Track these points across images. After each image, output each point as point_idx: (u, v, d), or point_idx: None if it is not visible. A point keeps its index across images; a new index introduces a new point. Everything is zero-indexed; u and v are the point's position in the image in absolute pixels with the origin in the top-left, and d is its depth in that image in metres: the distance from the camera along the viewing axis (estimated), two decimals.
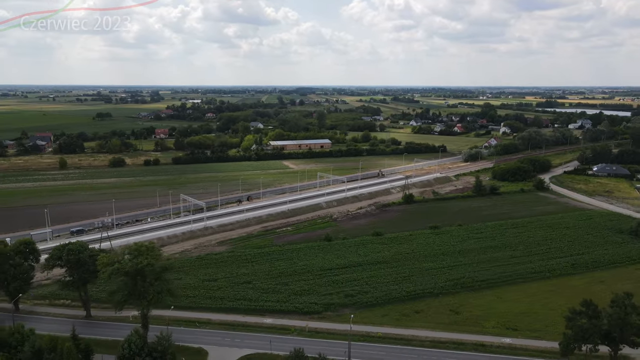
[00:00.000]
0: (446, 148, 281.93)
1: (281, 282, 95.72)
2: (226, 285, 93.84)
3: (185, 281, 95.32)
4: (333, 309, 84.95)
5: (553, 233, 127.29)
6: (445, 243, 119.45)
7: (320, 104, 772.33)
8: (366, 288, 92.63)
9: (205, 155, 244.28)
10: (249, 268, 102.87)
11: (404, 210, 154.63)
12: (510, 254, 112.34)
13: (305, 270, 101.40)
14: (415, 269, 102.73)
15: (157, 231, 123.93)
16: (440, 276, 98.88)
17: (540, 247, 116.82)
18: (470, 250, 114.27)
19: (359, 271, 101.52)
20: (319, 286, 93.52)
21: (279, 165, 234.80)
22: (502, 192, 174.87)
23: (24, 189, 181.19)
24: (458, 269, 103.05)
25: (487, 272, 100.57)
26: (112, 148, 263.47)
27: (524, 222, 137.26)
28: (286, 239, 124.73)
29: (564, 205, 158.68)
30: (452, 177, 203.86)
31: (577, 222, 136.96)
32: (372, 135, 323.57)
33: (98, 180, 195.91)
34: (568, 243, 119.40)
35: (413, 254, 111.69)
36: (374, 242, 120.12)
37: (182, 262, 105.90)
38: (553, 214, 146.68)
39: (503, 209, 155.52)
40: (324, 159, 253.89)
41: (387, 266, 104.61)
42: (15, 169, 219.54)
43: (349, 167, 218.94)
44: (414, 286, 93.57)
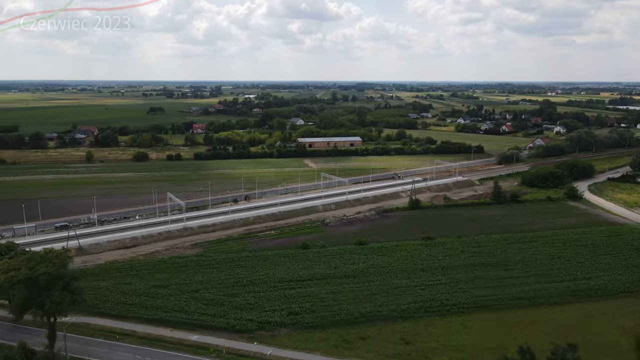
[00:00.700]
0: (483, 148, 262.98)
1: (230, 292, 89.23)
2: (173, 294, 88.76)
3: (133, 286, 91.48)
4: (269, 328, 77.22)
5: (564, 251, 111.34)
6: (432, 257, 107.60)
7: (373, 100, 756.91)
8: (317, 306, 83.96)
9: (227, 152, 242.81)
10: (206, 275, 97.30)
11: (405, 217, 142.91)
12: (502, 273, 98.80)
13: (262, 281, 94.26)
14: (384, 286, 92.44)
15: (135, 230, 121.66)
16: (409, 296, 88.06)
17: (543, 267, 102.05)
18: (457, 267, 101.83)
19: (319, 285, 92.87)
20: (267, 300, 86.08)
21: (298, 164, 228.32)
22: (524, 200, 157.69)
23: (44, 181, 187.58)
24: (432, 288, 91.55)
25: (463, 295, 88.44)
26: (143, 142, 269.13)
27: (535, 236, 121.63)
28: (262, 244, 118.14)
29: (592, 218, 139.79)
30: (475, 181, 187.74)
31: (599, 239, 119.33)
32: (408, 133, 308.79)
33: (114, 175, 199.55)
34: (577, 264, 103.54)
35: (389, 268, 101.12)
36: (352, 253, 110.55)
37: (142, 265, 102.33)
38: (575, 228, 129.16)
39: (519, 219, 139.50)
40: (347, 157, 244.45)
41: (354, 281, 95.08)
42: (46, 161, 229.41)
43: (369, 167, 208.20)
44: (372, 306, 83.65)
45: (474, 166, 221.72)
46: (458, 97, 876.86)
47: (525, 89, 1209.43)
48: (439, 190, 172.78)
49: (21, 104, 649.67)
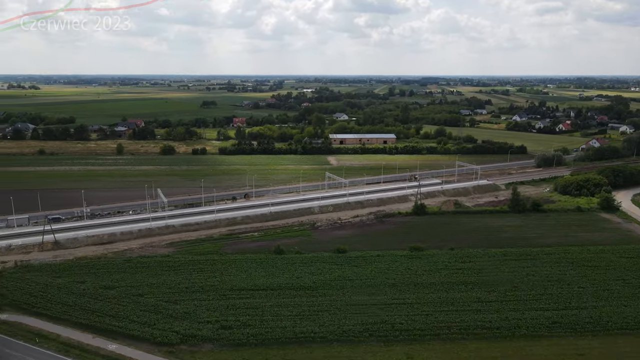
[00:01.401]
0: (525, 149, 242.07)
1: (175, 298, 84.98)
2: (117, 296, 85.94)
3: (84, 286, 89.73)
4: (193, 342, 71.86)
5: (569, 272, 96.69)
6: (409, 271, 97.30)
7: (431, 95, 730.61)
8: (254, 320, 77.47)
9: (251, 147, 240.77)
10: (162, 278, 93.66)
11: (405, 223, 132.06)
12: (482, 295, 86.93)
13: (214, 288, 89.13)
14: (340, 302, 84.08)
15: (116, 226, 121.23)
16: (361, 316, 79.21)
17: (533, 290, 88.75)
18: (432, 285, 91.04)
19: (271, 296, 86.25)
20: (207, 310, 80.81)
21: (320, 161, 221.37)
22: (548, 210, 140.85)
23: (69, 172, 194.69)
24: (392, 308, 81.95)
25: (424, 319, 78.16)
26: (177, 136, 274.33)
27: (541, 253, 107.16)
28: (239, 247, 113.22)
29: (621, 234, 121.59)
30: (501, 185, 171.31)
31: (618, 260, 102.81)
32: (448, 131, 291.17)
33: (135, 167, 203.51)
34: (579, 289, 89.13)
35: (357, 282, 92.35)
36: (326, 261, 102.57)
37: (106, 263, 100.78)
38: (596, 245, 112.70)
39: (532, 231, 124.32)
40: (375, 155, 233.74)
41: (311, 294, 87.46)
42: (82, 152, 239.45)
43: (393, 166, 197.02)
44: (313, 325, 75.79)
45: (507, 169, 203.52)
46: (525, 93, 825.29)
47: (605, 84, 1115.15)
48: (455, 194, 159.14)
49: (93, 97, 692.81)
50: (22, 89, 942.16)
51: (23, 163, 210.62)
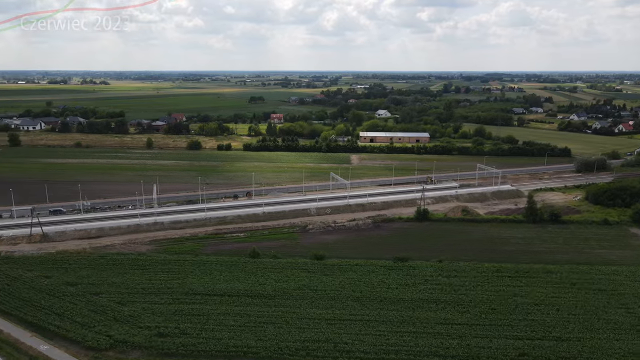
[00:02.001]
0: (570, 152, 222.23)
1: (127, 300, 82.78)
2: (75, 294, 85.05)
3: (49, 281, 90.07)
4: (121, 348, 69.13)
5: (564, 296, 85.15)
6: (382, 284, 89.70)
7: (489, 92, 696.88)
8: (194, 329, 73.43)
9: (275, 144, 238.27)
10: (126, 277, 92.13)
11: (402, 230, 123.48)
12: (451, 316, 78.00)
13: (170, 291, 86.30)
14: (291, 315, 78.34)
15: (107, 221, 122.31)
16: (305, 331, 72.90)
17: (513, 314, 78.54)
18: (400, 301, 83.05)
19: (224, 303, 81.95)
20: (152, 314, 78.05)
21: (341, 159, 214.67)
22: (568, 221, 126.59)
23: (95, 164, 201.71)
24: (344, 325, 74.99)
25: (371, 339, 70.76)
26: (209, 131, 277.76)
27: (541, 270, 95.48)
28: (218, 247, 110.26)
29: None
30: (525, 191, 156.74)
31: (631, 285, 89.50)
32: (488, 130, 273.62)
33: (157, 162, 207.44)
34: (569, 316, 77.90)
35: (320, 292, 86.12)
36: (298, 268, 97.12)
37: (81, 258, 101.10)
38: (610, 265, 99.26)
39: (542, 245, 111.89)
40: (401, 155, 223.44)
41: (266, 303, 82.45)
42: (115, 146, 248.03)
43: (416, 166, 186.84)
44: (251, 339, 70.50)
45: (540, 173, 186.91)
46: (596, 90, 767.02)
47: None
48: (470, 200, 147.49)
49: (152, 92, 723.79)
50: (93, 84, 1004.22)
51: (57, 155, 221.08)
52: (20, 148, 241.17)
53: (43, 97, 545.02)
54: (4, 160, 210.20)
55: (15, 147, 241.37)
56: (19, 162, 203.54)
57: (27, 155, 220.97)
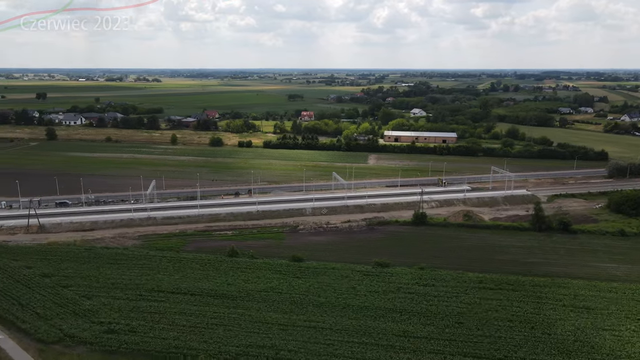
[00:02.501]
0: (607, 155, 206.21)
1: (94, 294, 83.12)
2: (47, 285, 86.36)
3: (29, 271, 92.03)
4: (68, 342, 68.67)
5: (545, 312, 78.08)
6: (351, 290, 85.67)
7: (540, 90, 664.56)
8: (144, 327, 72.59)
9: (295, 142, 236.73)
10: (100, 271, 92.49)
11: (396, 233, 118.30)
12: (412, 329, 73.08)
13: (137, 287, 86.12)
14: (248, 317, 76.18)
15: (102, 214, 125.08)
16: (253, 335, 70.45)
17: (480, 330, 72.58)
18: (363, 309, 78.86)
19: (185, 302, 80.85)
20: (111, 310, 77.77)
21: (358, 159, 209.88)
22: (579, 230, 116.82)
23: (117, 159, 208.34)
24: (297, 331, 72.00)
25: (318, 348, 67.28)
26: (235, 127, 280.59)
27: (529, 283, 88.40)
28: (203, 244, 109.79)
29: None
30: (542, 197, 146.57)
31: (627, 304, 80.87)
32: (521, 132, 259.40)
33: (175, 157, 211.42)
34: (542, 336, 71.08)
35: (284, 295, 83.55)
36: (271, 269, 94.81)
37: (68, 250, 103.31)
38: (611, 281, 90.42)
39: (544, 256, 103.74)
40: (421, 155, 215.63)
41: (228, 304, 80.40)
42: (142, 141, 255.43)
43: (430, 167, 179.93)
44: (196, 341, 68.82)
45: (566, 177, 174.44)
46: None
47: None
48: (479, 204, 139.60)
49: (198, 89, 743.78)
50: (146, 81, 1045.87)
51: (85, 149, 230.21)
52: (55, 142, 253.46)
53: (96, 93, 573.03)
54: (36, 152, 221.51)
55: (52, 141, 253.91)
56: (48, 155, 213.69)
57: (58, 148, 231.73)
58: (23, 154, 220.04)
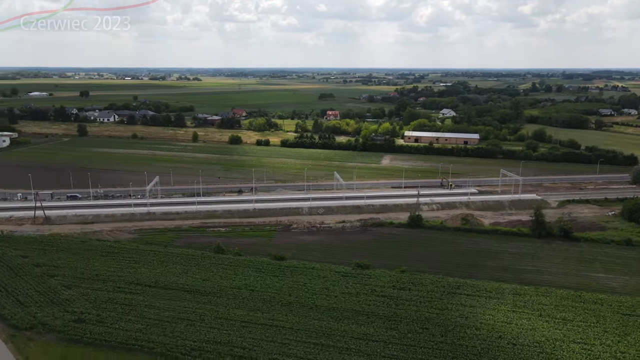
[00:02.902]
0: (637, 160, 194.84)
1: (74, 284, 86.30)
2: (35, 274, 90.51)
3: (24, 260, 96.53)
4: (39, 330, 71.82)
5: (516, 322, 74.92)
6: (323, 290, 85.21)
7: (587, 91, 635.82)
8: (112, 318, 74.83)
9: (312, 141, 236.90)
10: (88, 262, 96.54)
11: (388, 235, 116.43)
12: (374, 332, 71.95)
13: (118, 279, 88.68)
14: (213, 313, 76.91)
15: (105, 208, 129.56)
16: (213, 331, 71.31)
17: (444, 336, 70.58)
18: (331, 310, 78.30)
19: (158, 296, 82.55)
20: (87, 300, 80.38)
21: (372, 159, 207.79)
22: (582, 238, 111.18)
23: (136, 155, 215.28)
24: (257, 328, 72.22)
25: (273, 347, 67.39)
26: (257, 126, 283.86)
27: (509, 291, 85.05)
28: (193, 240, 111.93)
29: None
30: (552, 202, 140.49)
31: (610, 317, 76.47)
32: (549, 134, 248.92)
33: (191, 154, 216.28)
34: (507, 347, 68.31)
35: (256, 293, 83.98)
36: (251, 266, 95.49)
37: (66, 242, 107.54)
38: (599, 292, 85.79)
39: (536, 263, 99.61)
40: (438, 157, 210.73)
41: (198, 299, 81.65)
42: (165, 138, 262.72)
43: (447, 169, 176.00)
44: (157, 334, 70.30)
45: (585, 182, 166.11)
46: None
47: None
48: (483, 208, 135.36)
49: (234, 88, 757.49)
50: (187, 80, 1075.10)
51: (110, 145, 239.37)
52: (86, 138, 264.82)
53: (138, 91, 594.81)
54: (66, 148, 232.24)
55: (82, 137, 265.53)
56: (75, 150, 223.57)
57: (86, 144, 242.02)
58: (53, 149, 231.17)
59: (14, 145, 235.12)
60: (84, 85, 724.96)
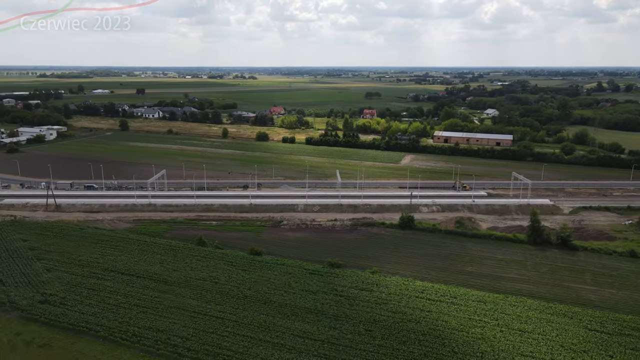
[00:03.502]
0: None
1: (55, 267, 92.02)
2: (28, 257, 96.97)
3: (24, 243, 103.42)
4: (5, 308, 77.33)
5: (467, 330, 71.19)
6: (284, 286, 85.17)
7: None
8: (74, 301, 78.97)
9: (336, 139, 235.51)
10: (78, 248, 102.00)
11: (375, 235, 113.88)
12: (315, 331, 71.14)
13: (96, 266, 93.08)
14: (169, 302, 78.96)
15: (109, 199, 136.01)
16: (160, 319, 73.35)
17: (383, 341, 68.44)
18: (283, 306, 78.18)
19: (126, 282, 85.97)
20: (60, 283, 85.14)
21: (391, 158, 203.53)
22: (581, 247, 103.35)
23: (165, 149, 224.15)
24: (200, 319, 73.55)
25: (207, 337, 68.42)
26: (289, 124, 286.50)
27: (470, 298, 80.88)
28: (181, 232, 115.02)
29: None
30: (565, 208, 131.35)
31: (573, 332, 70.79)
32: (590, 137, 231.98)
33: (216, 150, 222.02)
34: (447, 355, 65.19)
35: (218, 285, 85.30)
36: (225, 259, 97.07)
37: (66, 228, 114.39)
38: (580, 305, 79.53)
39: (520, 271, 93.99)
40: (462, 158, 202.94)
41: (160, 288, 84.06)
42: (197, 134, 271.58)
43: (467, 170, 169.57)
44: (107, 319, 73.36)
45: (613, 188, 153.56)
46: None
47: None
48: (486, 212, 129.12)
49: (283, 87, 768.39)
50: (243, 79, 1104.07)
51: (145, 139, 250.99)
52: (126, 132, 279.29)
53: (192, 89, 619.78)
54: (104, 141, 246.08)
55: (123, 132, 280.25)
56: (111, 144, 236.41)
57: (124, 138, 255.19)
58: (93, 142, 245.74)
59: (60, 138, 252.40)
60: (143, 83, 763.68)
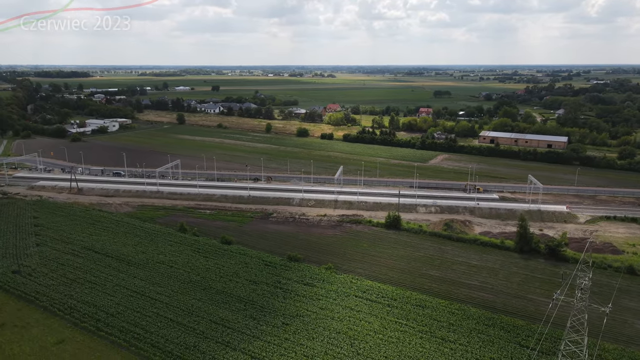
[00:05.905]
0: None
1: (45, 243, 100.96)
2: (31, 232, 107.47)
3: (34, 220, 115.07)
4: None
5: (390, 334, 67.86)
6: (234, 275, 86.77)
7: None
8: (42, 274, 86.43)
9: (372, 137, 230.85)
10: (75, 227, 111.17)
11: (358, 233, 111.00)
12: (234, 318, 71.86)
13: (80, 244, 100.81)
14: (117, 281, 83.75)
15: (123, 184, 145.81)
16: (100, 298, 78.34)
17: (297, 335, 67.23)
18: (222, 293, 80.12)
19: (92, 260, 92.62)
20: (41, 257, 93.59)
21: (422, 157, 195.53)
22: (572, 258, 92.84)
23: (208, 142, 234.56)
24: (135, 298, 77.39)
25: (130, 315, 71.82)
26: (335, 121, 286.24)
27: (411, 302, 76.57)
28: (174, 219, 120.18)
29: None
30: (580, 215, 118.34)
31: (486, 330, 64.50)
32: None
33: (253, 144, 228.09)
34: (356, 357, 62.66)
35: (172, 270, 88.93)
36: (193, 246, 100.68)
37: (76, 210, 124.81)
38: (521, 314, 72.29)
39: (487, 278, 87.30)
40: (497, 159, 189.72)
41: (119, 268, 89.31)
42: (245, 128, 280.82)
43: (497, 173, 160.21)
44: (69, 295, 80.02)
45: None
46: None
47: None
48: (488, 216, 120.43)
49: (357, 85, 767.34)
50: (321, 77, 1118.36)
51: (193, 132, 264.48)
52: (182, 126, 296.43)
53: (267, 87, 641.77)
54: (159, 134, 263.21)
55: (180, 125, 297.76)
56: (163, 136, 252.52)
57: (177, 131, 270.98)
58: (149, 134, 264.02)
59: (122, 130, 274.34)
60: (224, 81, 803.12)
